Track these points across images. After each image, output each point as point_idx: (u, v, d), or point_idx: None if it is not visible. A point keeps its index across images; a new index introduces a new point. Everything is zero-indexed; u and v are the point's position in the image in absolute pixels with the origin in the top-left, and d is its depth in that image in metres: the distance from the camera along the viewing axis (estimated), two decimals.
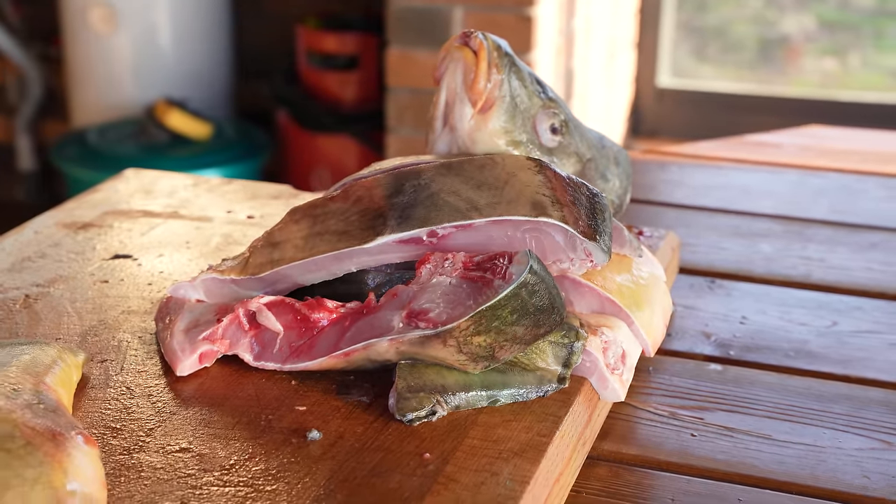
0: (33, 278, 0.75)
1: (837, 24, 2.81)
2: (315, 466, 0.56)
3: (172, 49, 2.71)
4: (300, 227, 0.67)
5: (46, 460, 0.48)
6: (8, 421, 0.50)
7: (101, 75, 2.71)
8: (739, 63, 2.77)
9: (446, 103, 0.73)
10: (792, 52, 2.80)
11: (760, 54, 2.79)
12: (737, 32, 2.81)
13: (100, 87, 2.73)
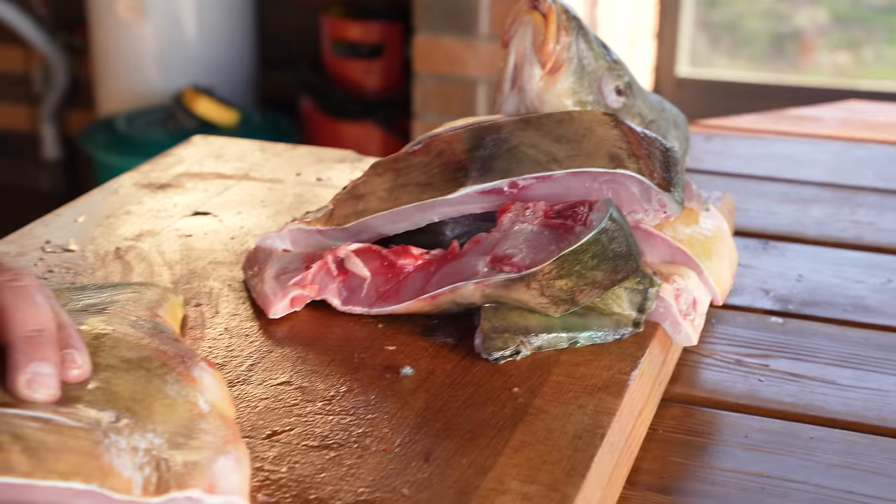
0: (121, 232, 0.78)
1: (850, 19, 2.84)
2: (410, 398, 0.59)
3: (197, 38, 2.74)
4: (383, 179, 0.70)
5: (181, 380, 0.51)
6: (141, 346, 0.53)
7: (126, 64, 2.75)
8: (752, 57, 2.80)
9: (515, 65, 0.76)
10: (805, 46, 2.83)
11: (773, 48, 2.82)
12: (749, 27, 2.83)
13: (125, 75, 2.76)
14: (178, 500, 0.47)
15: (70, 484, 0.45)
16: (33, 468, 0.44)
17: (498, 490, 0.52)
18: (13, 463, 0.44)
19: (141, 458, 0.47)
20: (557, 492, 0.52)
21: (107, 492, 0.45)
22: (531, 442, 0.55)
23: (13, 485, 0.44)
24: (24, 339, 0.49)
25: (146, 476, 0.47)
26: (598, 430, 0.57)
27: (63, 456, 0.45)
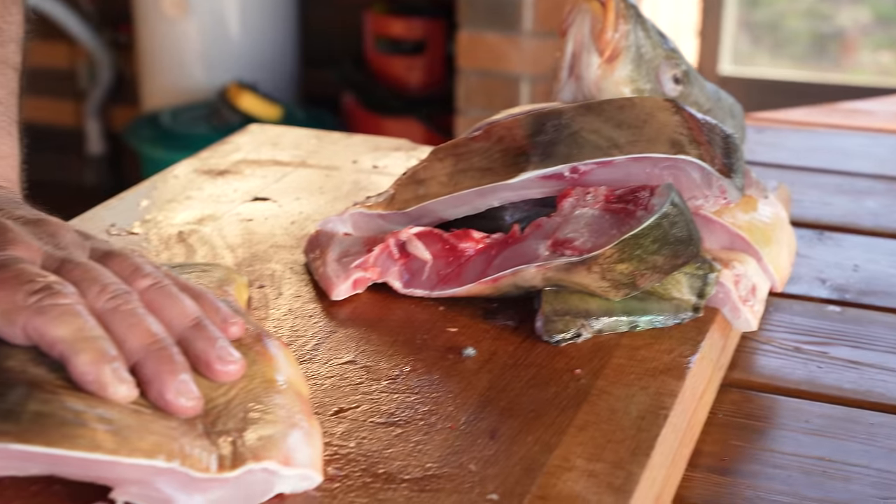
0: (183, 216, 0.79)
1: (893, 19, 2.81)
2: (474, 378, 0.60)
3: (241, 34, 2.76)
4: (444, 164, 0.70)
5: (258, 358, 0.52)
6: None
7: (171, 60, 2.78)
8: (793, 56, 2.78)
9: (573, 54, 0.77)
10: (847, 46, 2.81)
11: (814, 48, 2.80)
12: (790, 27, 2.82)
13: (170, 71, 2.79)
14: (254, 472, 0.48)
15: (153, 462, 0.46)
16: (118, 446, 0.45)
17: (564, 467, 0.52)
18: (99, 441, 0.45)
19: (219, 435, 0.48)
20: (623, 470, 0.52)
21: (187, 470, 0.47)
22: (595, 421, 0.56)
23: (99, 462, 0.45)
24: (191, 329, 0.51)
25: (222, 452, 0.48)
26: (661, 410, 0.57)
27: (145, 436, 0.46)
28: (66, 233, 0.55)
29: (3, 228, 0.53)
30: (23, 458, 0.45)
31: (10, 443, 0.44)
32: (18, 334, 0.49)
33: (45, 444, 0.45)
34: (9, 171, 0.63)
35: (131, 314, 0.50)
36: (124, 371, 0.48)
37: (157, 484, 0.47)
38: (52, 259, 0.52)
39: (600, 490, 0.51)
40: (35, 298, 0.49)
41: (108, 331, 0.50)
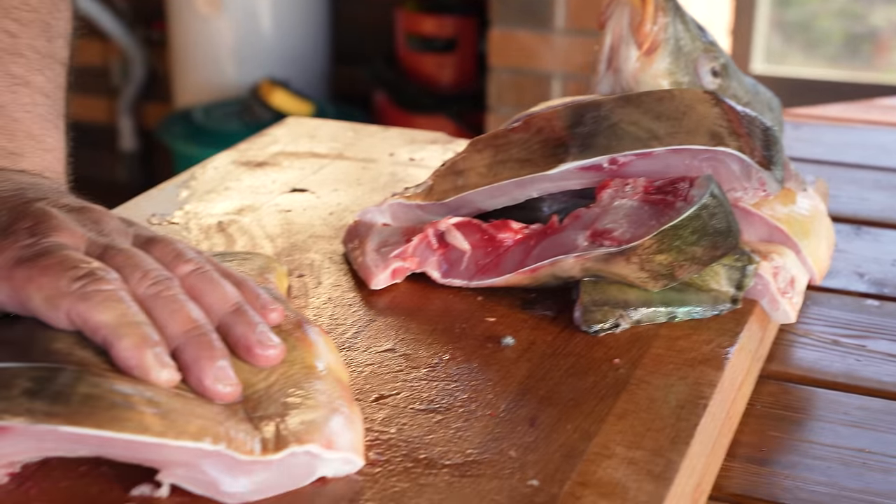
0: (222, 207, 0.80)
1: None
2: (513, 367, 0.60)
3: (273, 31, 2.78)
4: (483, 156, 0.71)
5: (299, 344, 0.53)
6: None
7: (204, 57, 2.80)
8: (826, 56, 2.76)
9: (611, 46, 0.77)
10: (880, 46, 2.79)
11: (847, 48, 2.78)
12: (822, 26, 2.80)
13: (203, 68, 2.81)
14: (297, 456, 0.49)
15: (200, 444, 0.47)
16: (166, 429, 0.46)
17: (603, 454, 0.52)
18: (147, 423, 0.46)
19: (262, 419, 0.49)
20: (662, 457, 0.52)
21: (232, 452, 0.47)
22: (634, 410, 0.56)
23: (147, 444, 0.46)
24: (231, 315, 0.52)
25: (266, 436, 0.48)
26: (700, 400, 0.57)
27: (192, 419, 0.47)
28: (109, 220, 0.56)
29: (48, 216, 0.53)
30: (72, 440, 0.46)
31: (61, 425, 0.45)
32: (62, 319, 0.50)
33: (95, 427, 0.45)
34: (55, 163, 0.64)
35: (172, 300, 0.51)
36: (166, 356, 0.49)
37: (203, 466, 0.48)
38: (95, 245, 0.53)
39: (640, 477, 0.51)
40: (79, 284, 0.50)
41: (149, 316, 0.50)
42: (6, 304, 0.51)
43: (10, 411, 0.44)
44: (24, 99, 0.62)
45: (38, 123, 0.63)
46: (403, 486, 0.50)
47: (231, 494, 0.48)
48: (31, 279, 0.50)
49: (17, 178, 0.59)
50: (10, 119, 0.61)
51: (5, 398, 0.45)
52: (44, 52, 0.65)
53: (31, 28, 0.64)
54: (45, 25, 0.65)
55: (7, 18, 0.63)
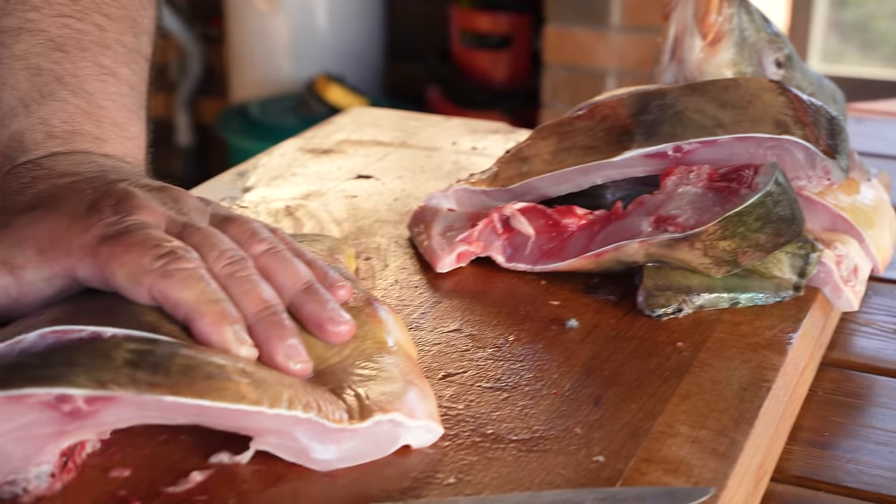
0: (290, 192, 0.82)
1: None
2: (578, 348, 0.61)
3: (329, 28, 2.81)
4: (548, 143, 0.72)
5: (369, 320, 0.54)
6: None
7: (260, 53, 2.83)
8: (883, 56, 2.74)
9: (675, 37, 0.78)
10: None
11: None
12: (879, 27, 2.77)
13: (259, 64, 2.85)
14: (382, 424, 0.50)
15: (293, 412, 0.48)
16: (261, 397, 0.48)
17: (668, 433, 0.53)
18: (243, 393, 0.47)
19: (343, 391, 0.50)
20: (727, 437, 0.53)
21: (322, 420, 0.49)
22: (698, 392, 0.57)
23: (243, 412, 0.48)
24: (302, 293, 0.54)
25: (350, 405, 0.50)
26: (763, 383, 0.58)
27: (283, 389, 0.49)
28: (188, 199, 0.58)
29: (131, 195, 0.55)
30: (173, 409, 0.48)
31: (163, 395, 0.46)
32: (144, 296, 0.52)
33: (195, 396, 0.47)
34: (136, 151, 0.66)
35: (246, 280, 0.53)
36: (244, 333, 0.51)
37: (294, 434, 0.49)
38: (174, 223, 0.55)
39: (704, 455, 0.52)
40: (161, 262, 0.52)
41: (230, 297, 0.52)
42: (90, 280, 0.53)
43: (117, 382, 0.46)
44: (111, 88, 0.65)
45: (122, 112, 0.65)
46: (472, 459, 0.51)
47: (320, 462, 0.50)
48: (115, 256, 0.52)
49: (101, 161, 0.61)
50: (97, 106, 0.63)
51: (109, 368, 0.47)
52: (130, 47, 0.68)
53: (119, 23, 0.66)
54: (133, 22, 0.68)
55: (98, 13, 0.65)
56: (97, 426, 0.49)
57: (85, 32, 0.65)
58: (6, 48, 0.64)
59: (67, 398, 0.46)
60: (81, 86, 0.64)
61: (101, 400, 0.46)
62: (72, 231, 0.53)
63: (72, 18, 0.64)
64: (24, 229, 0.54)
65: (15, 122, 0.62)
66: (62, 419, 0.47)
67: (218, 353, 0.49)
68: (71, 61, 0.64)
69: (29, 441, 0.47)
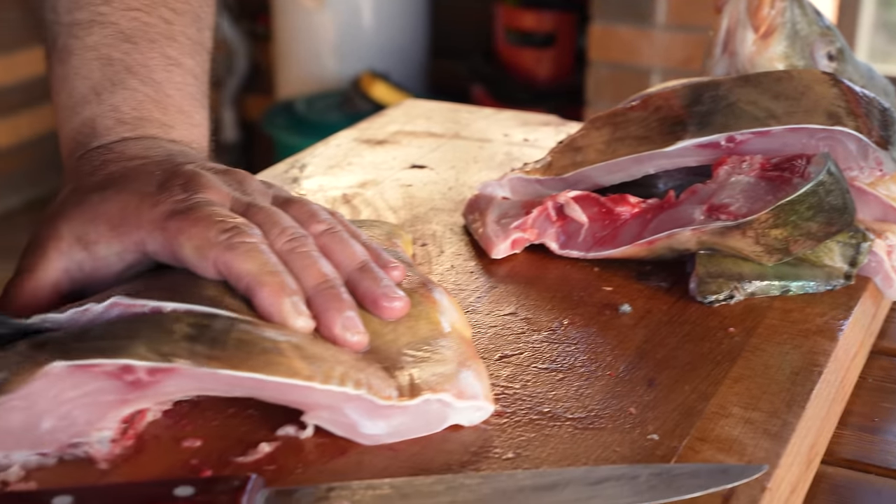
0: (346, 181, 0.84)
1: None
2: (630, 332, 0.63)
3: (374, 25, 2.83)
4: (602, 133, 0.73)
5: (424, 301, 0.56)
6: None
7: (306, 50, 2.86)
8: None
9: (727, 30, 0.79)
10: None
11: None
12: None
13: (305, 61, 2.88)
14: (430, 403, 0.52)
15: (344, 389, 0.50)
16: (313, 373, 0.50)
17: (721, 414, 0.55)
18: (297, 368, 0.49)
19: (395, 369, 0.52)
20: (779, 418, 0.54)
21: (372, 397, 0.50)
22: (750, 375, 0.58)
23: (296, 387, 0.50)
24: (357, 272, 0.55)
25: (401, 384, 0.52)
26: (814, 368, 0.59)
27: (335, 365, 0.50)
28: (251, 181, 0.60)
29: (197, 175, 0.58)
30: (230, 382, 0.50)
31: (220, 368, 0.49)
32: (209, 268, 0.54)
33: (250, 371, 0.49)
34: (200, 138, 0.68)
35: (306, 256, 0.55)
36: (302, 304, 0.53)
37: (345, 409, 0.51)
38: (239, 203, 0.57)
39: (757, 435, 0.53)
40: (226, 236, 0.54)
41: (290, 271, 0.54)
42: (158, 253, 0.55)
43: (177, 354, 0.48)
44: (177, 78, 0.67)
45: (187, 101, 0.67)
46: (529, 435, 0.53)
47: (369, 436, 0.52)
48: (183, 230, 0.54)
49: (169, 146, 0.64)
50: (164, 94, 0.66)
51: (170, 341, 0.49)
52: (194, 40, 0.70)
53: (184, 17, 0.69)
54: (196, 16, 0.70)
55: (164, 7, 0.68)
56: (157, 396, 0.51)
57: (152, 25, 0.67)
58: (78, 39, 0.66)
59: (130, 369, 0.48)
60: (150, 75, 0.66)
61: (161, 371, 0.49)
62: (142, 207, 0.55)
63: (140, 12, 0.67)
64: (97, 207, 0.56)
65: (87, 109, 0.65)
66: (124, 388, 0.49)
67: (274, 329, 0.51)
68: (140, 52, 0.67)
69: (93, 407, 0.50)
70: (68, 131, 0.65)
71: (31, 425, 0.48)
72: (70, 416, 0.49)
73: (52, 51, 0.68)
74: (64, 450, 0.50)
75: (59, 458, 0.49)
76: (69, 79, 0.66)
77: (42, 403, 0.48)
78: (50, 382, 0.47)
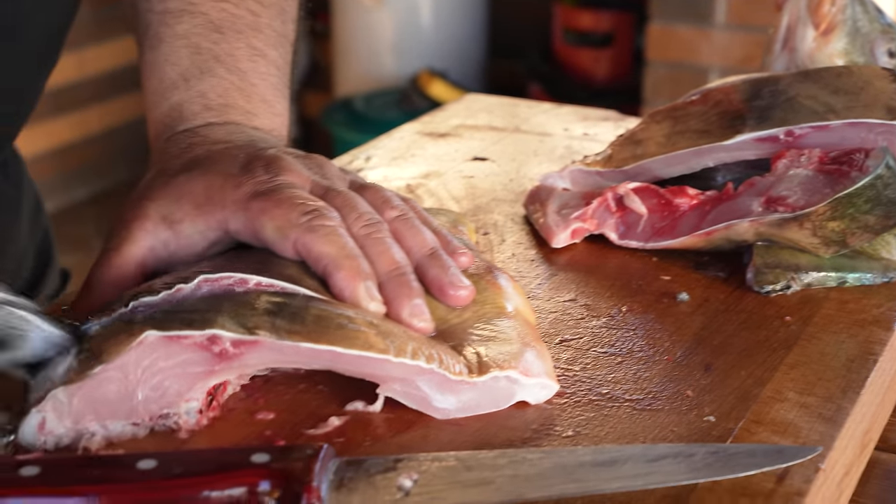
0: (409, 172, 0.86)
1: None
2: (688, 319, 0.64)
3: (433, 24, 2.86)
4: (662, 126, 0.75)
5: (489, 286, 0.58)
6: None
7: (365, 49, 2.90)
8: None
9: (788, 26, 0.80)
10: None
11: None
12: None
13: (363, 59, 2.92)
14: (498, 380, 0.54)
15: (417, 362, 0.52)
16: (387, 347, 0.52)
17: (776, 398, 0.56)
18: (372, 342, 0.52)
19: (464, 348, 0.54)
20: (834, 403, 0.56)
21: (444, 372, 0.53)
22: (806, 362, 0.59)
23: (372, 360, 0.52)
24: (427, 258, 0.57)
25: (470, 361, 0.54)
26: (870, 356, 0.60)
27: (408, 341, 0.53)
28: (330, 166, 0.62)
29: (279, 158, 0.60)
30: (309, 354, 0.52)
31: (300, 341, 0.51)
32: (289, 248, 0.56)
33: (328, 344, 0.51)
34: (281, 127, 0.71)
35: (381, 242, 0.57)
36: (375, 289, 0.55)
37: (417, 382, 0.53)
38: (318, 186, 0.59)
39: (812, 419, 0.54)
40: (307, 218, 0.56)
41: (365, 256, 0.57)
42: (240, 233, 0.58)
43: (260, 327, 0.51)
44: (262, 68, 0.70)
45: (270, 91, 0.70)
46: (589, 415, 0.55)
47: (440, 410, 0.54)
48: (265, 210, 0.57)
49: (251, 132, 0.66)
50: (249, 84, 0.68)
51: (253, 315, 0.52)
52: (279, 32, 0.73)
53: (270, 10, 0.71)
54: (281, 10, 0.73)
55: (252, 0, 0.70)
56: (241, 368, 0.54)
57: (240, 17, 0.70)
58: (169, 28, 0.70)
59: (217, 340, 0.51)
60: (236, 65, 0.69)
61: (245, 343, 0.51)
62: (226, 188, 0.58)
63: (229, 3, 0.70)
64: (182, 187, 0.59)
65: (175, 95, 0.68)
66: (212, 359, 0.52)
67: (347, 307, 0.54)
68: (227, 42, 0.70)
69: (183, 378, 0.52)
70: (157, 115, 0.68)
71: (126, 395, 0.51)
72: (162, 386, 0.52)
73: (144, 38, 0.71)
74: (155, 420, 0.52)
75: (151, 428, 0.52)
76: (159, 65, 0.69)
77: (136, 373, 0.51)
78: (143, 352, 0.50)
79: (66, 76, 2.80)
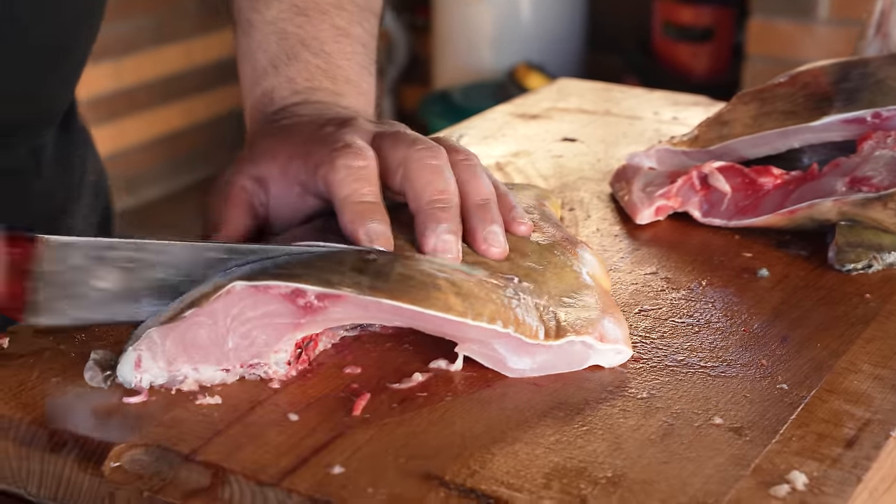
0: (500, 151, 0.88)
1: None
2: (767, 294, 0.65)
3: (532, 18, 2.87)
4: (749, 108, 0.76)
5: (567, 253, 0.60)
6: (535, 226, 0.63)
7: (464, 42, 2.93)
8: None
9: (882, 12, 0.80)
10: None
11: None
12: None
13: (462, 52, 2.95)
14: (574, 344, 0.56)
15: (494, 326, 0.54)
16: (466, 309, 0.54)
17: (851, 370, 0.57)
18: (451, 304, 0.54)
19: (541, 312, 0.56)
20: None
21: (520, 335, 0.55)
22: (883, 337, 0.60)
23: (450, 321, 0.54)
24: (476, 206, 0.60)
25: (547, 325, 0.56)
26: None
27: (487, 304, 0.55)
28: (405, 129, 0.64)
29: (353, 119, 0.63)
30: (390, 311, 0.55)
31: (383, 299, 0.54)
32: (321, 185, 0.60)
33: (409, 302, 0.54)
34: (367, 105, 0.74)
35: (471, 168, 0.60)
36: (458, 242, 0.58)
37: (493, 344, 0.56)
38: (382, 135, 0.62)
39: (885, 390, 0.55)
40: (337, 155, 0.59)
41: (415, 180, 0.59)
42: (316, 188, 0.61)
43: (344, 283, 0.54)
44: (347, 48, 0.73)
45: (355, 70, 0.73)
46: (663, 379, 0.56)
47: (515, 370, 0.56)
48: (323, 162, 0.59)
49: (338, 110, 0.70)
50: (334, 65, 0.72)
51: (338, 272, 0.54)
52: (362, 6, 0.76)
53: None
54: None
55: None
56: (326, 322, 0.57)
57: None
58: (259, 14, 0.73)
59: (302, 293, 0.54)
60: (321, 47, 0.72)
61: (329, 297, 0.54)
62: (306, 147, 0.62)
63: None
64: (269, 150, 0.63)
65: (266, 81, 0.71)
66: (297, 312, 0.55)
67: (432, 266, 0.56)
68: (312, 25, 0.73)
69: (270, 328, 0.55)
70: (251, 101, 0.72)
71: (216, 341, 0.55)
72: (250, 335, 0.55)
73: (238, 25, 0.75)
74: (245, 368, 0.56)
75: (241, 376, 0.56)
76: (252, 52, 0.73)
77: (226, 321, 0.54)
78: (231, 301, 0.54)
79: (174, 66, 2.89)
